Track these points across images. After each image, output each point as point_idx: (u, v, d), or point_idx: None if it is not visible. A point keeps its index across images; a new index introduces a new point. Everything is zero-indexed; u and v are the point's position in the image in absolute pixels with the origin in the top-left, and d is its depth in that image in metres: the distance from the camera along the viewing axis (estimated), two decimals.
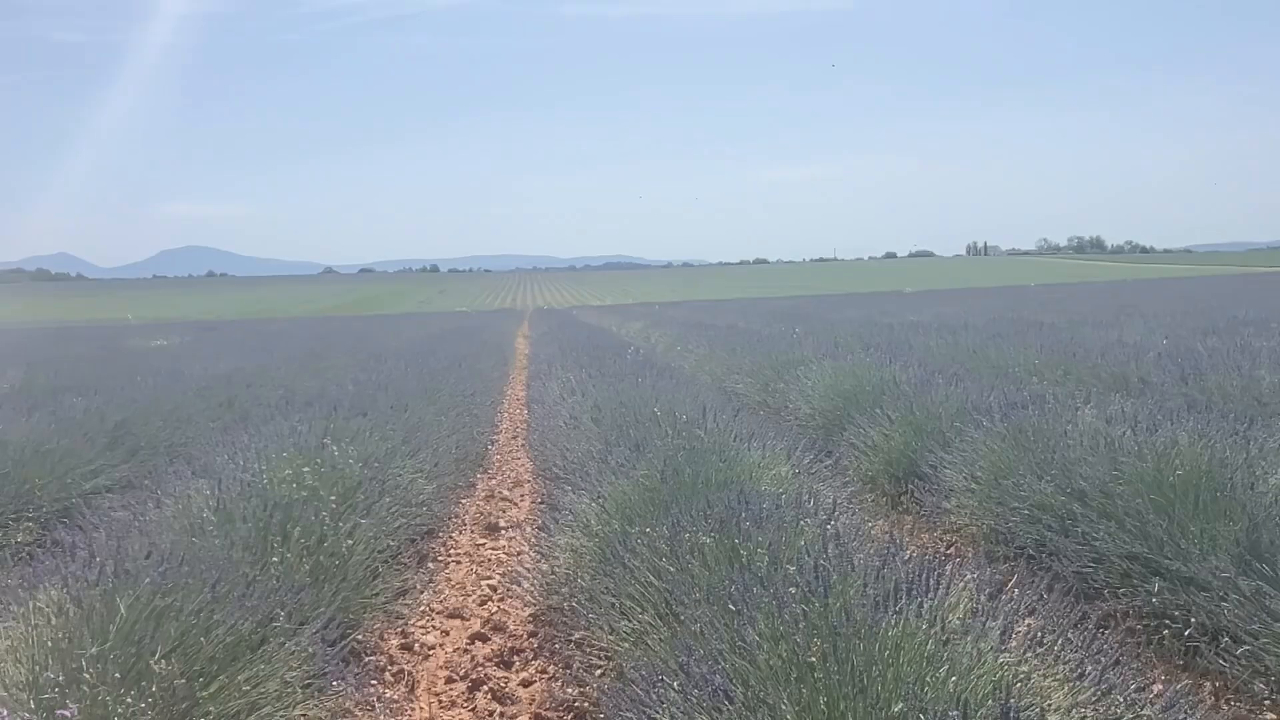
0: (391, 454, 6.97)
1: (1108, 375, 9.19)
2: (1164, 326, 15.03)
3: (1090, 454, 5.32)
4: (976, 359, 11.90)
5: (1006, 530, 5.48)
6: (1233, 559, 4.00)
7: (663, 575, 4.04)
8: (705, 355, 16.49)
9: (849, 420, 8.35)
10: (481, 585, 6.08)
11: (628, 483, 5.48)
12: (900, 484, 7.16)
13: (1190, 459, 4.85)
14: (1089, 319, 18.75)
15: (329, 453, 6.19)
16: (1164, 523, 4.43)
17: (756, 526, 4.15)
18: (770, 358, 13.04)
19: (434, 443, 8.15)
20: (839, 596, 3.12)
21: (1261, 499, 4.37)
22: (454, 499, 8.03)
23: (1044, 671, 2.86)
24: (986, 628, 2.95)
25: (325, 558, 4.75)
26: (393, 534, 5.76)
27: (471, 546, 6.99)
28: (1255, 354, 9.24)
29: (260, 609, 3.82)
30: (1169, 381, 8.34)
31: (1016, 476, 5.62)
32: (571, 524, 5.34)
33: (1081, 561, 4.72)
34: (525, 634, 5.19)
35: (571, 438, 7.81)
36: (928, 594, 3.04)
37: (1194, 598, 4.06)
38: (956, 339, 14.31)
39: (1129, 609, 4.45)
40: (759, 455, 6.17)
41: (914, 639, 2.83)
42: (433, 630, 5.35)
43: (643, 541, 4.39)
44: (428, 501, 6.90)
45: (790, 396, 10.39)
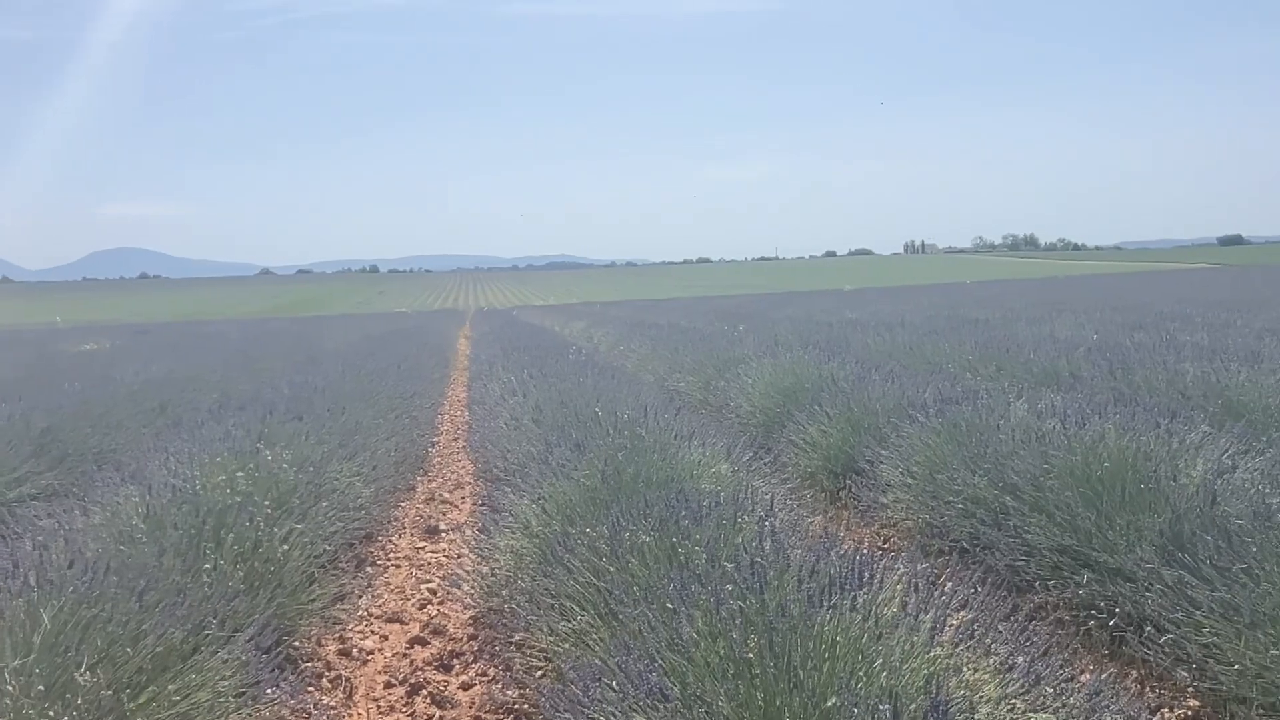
0: (328, 457, 6.87)
1: (1039, 370, 9.38)
2: (1094, 322, 15.39)
3: (1021, 448, 5.42)
4: (913, 355, 12.08)
5: (941, 524, 5.57)
6: (1157, 550, 4.11)
7: (603, 575, 4.04)
8: (648, 354, 16.51)
9: (789, 417, 8.42)
10: (421, 589, 6.03)
11: (568, 483, 5.47)
12: (839, 480, 7.24)
13: (1117, 452, 4.97)
14: (1022, 315, 19.13)
15: (263, 457, 6.09)
16: (1092, 515, 4.53)
17: (695, 525, 4.17)
18: (712, 356, 13.10)
19: (372, 445, 8.06)
20: (775, 593, 3.14)
21: (1184, 491, 4.49)
22: (393, 502, 7.95)
23: (975, 663, 2.91)
24: (919, 621, 2.99)
25: (260, 564, 4.67)
26: (330, 539, 5.68)
27: (411, 550, 6.93)
28: (1180, 348, 9.50)
29: (191, 617, 3.75)
30: (1098, 376, 8.54)
31: (951, 471, 5.71)
32: (512, 525, 5.32)
33: (1014, 554, 4.81)
34: (465, 637, 5.16)
35: (512, 439, 7.78)
36: (861, 589, 3.08)
37: (1120, 588, 4.16)
38: (893, 336, 14.51)
39: (1059, 600, 4.54)
40: (699, 454, 6.20)
41: (848, 634, 2.87)
42: (371, 635, 5.29)
43: (583, 542, 4.39)
44: (366, 505, 6.82)
45: (731, 395, 10.45)
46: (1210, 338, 11.21)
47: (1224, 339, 10.95)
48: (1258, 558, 3.66)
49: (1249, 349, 9.25)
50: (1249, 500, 4.16)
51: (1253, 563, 3.65)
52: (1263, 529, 3.80)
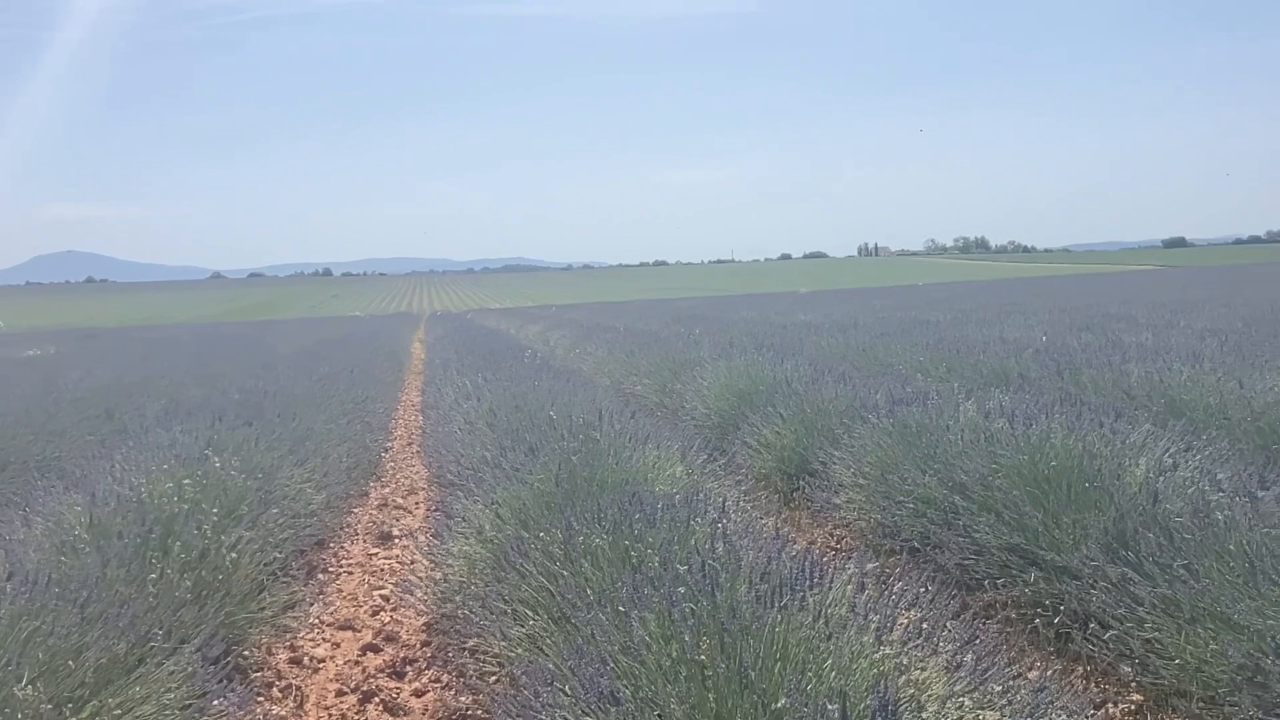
0: (279, 464, 6.79)
1: (989, 371, 9.51)
2: (1042, 323, 15.64)
3: (970, 448, 5.49)
4: (865, 357, 12.19)
5: (893, 524, 5.62)
6: (1102, 548, 4.18)
7: (556, 579, 4.03)
8: (604, 357, 16.50)
9: (743, 419, 8.46)
10: (374, 595, 5.98)
11: (522, 487, 5.45)
12: (793, 481, 7.29)
13: (1063, 452, 5.05)
14: (973, 317, 19.38)
15: (212, 464, 5.99)
16: (1039, 514, 4.60)
17: (649, 527, 4.17)
18: (668, 359, 13.12)
19: (324, 451, 7.97)
20: (727, 595, 3.16)
21: (1127, 489, 4.57)
22: (345, 508, 7.87)
23: (923, 662, 2.95)
24: (869, 621, 3.02)
25: (208, 572, 4.60)
26: (280, 546, 5.61)
27: (364, 556, 6.86)
28: (1125, 349, 9.68)
29: (136, 628, 3.68)
30: (1046, 376, 8.68)
31: (902, 471, 5.77)
32: (465, 530, 5.29)
33: (963, 553, 4.87)
34: (419, 643, 5.12)
35: (466, 443, 7.73)
36: (811, 589, 3.10)
37: (1067, 586, 4.23)
38: (847, 338, 14.63)
39: (1008, 599, 4.61)
40: (654, 456, 6.20)
41: (799, 634, 2.89)
42: (323, 643, 5.24)
43: (536, 546, 4.38)
44: (318, 511, 6.75)
45: (687, 397, 10.48)
46: (1154, 338, 11.44)
47: (1168, 339, 11.18)
48: (1197, 554, 3.74)
49: (1191, 349, 9.44)
50: (1189, 498, 4.25)
51: (1192, 559, 3.73)
52: (1201, 526, 3.88)
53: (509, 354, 15.60)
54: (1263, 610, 3.28)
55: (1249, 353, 8.88)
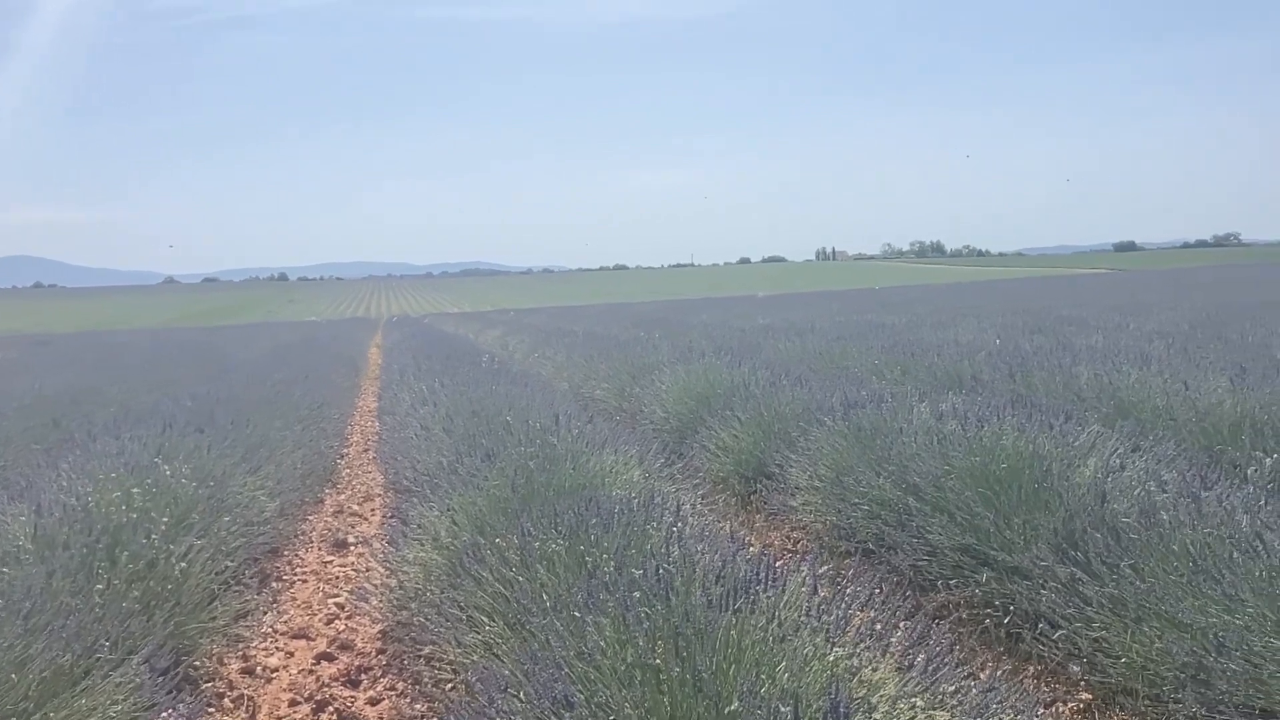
0: (232, 471, 6.70)
1: (943, 374, 9.61)
2: (996, 326, 15.84)
3: (924, 450, 5.55)
4: (822, 360, 12.28)
5: (848, 526, 5.67)
6: (1051, 548, 4.24)
7: (512, 585, 4.02)
8: (563, 362, 16.48)
9: (701, 423, 8.49)
10: (328, 603, 5.91)
11: (478, 493, 5.43)
12: (750, 484, 7.32)
13: (1014, 453, 5.12)
14: (928, 320, 19.60)
15: (162, 472, 5.90)
16: (991, 515, 4.66)
17: (605, 532, 4.17)
18: (627, 363, 13.13)
19: (279, 458, 7.88)
20: (682, 599, 3.16)
21: (1076, 490, 4.64)
22: (300, 515, 7.78)
23: (876, 663, 2.97)
24: (822, 623, 3.04)
25: (156, 582, 4.53)
26: (232, 554, 5.53)
27: (319, 564, 6.79)
28: (1075, 351, 9.84)
29: (82, 640, 3.61)
30: (999, 378, 8.80)
31: (857, 473, 5.82)
32: (421, 537, 5.26)
33: (917, 554, 4.92)
34: (374, 651, 5.08)
35: (423, 449, 7.68)
36: (765, 592, 3.12)
37: (1018, 586, 4.28)
38: (804, 341, 14.73)
39: (960, 599, 4.66)
40: (611, 461, 6.20)
41: (752, 637, 2.90)
42: (276, 652, 5.17)
43: (492, 552, 4.36)
44: (271, 519, 6.67)
45: (646, 401, 10.49)
46: (1104, 340, 11.64)
47: (1117, 341, 11.37)
48: (1143, 554, 3.81)
49: (1140, 351, 9.62)
50: (1135, 499, 4.32)
51: (1139, 559, 3.80)
52: (1147, 526, 3.95)
53: (467, 359, 15.52)
54: (1205, 609, 3.35)
55: (1195, 355, 9.07)
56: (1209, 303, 21.23)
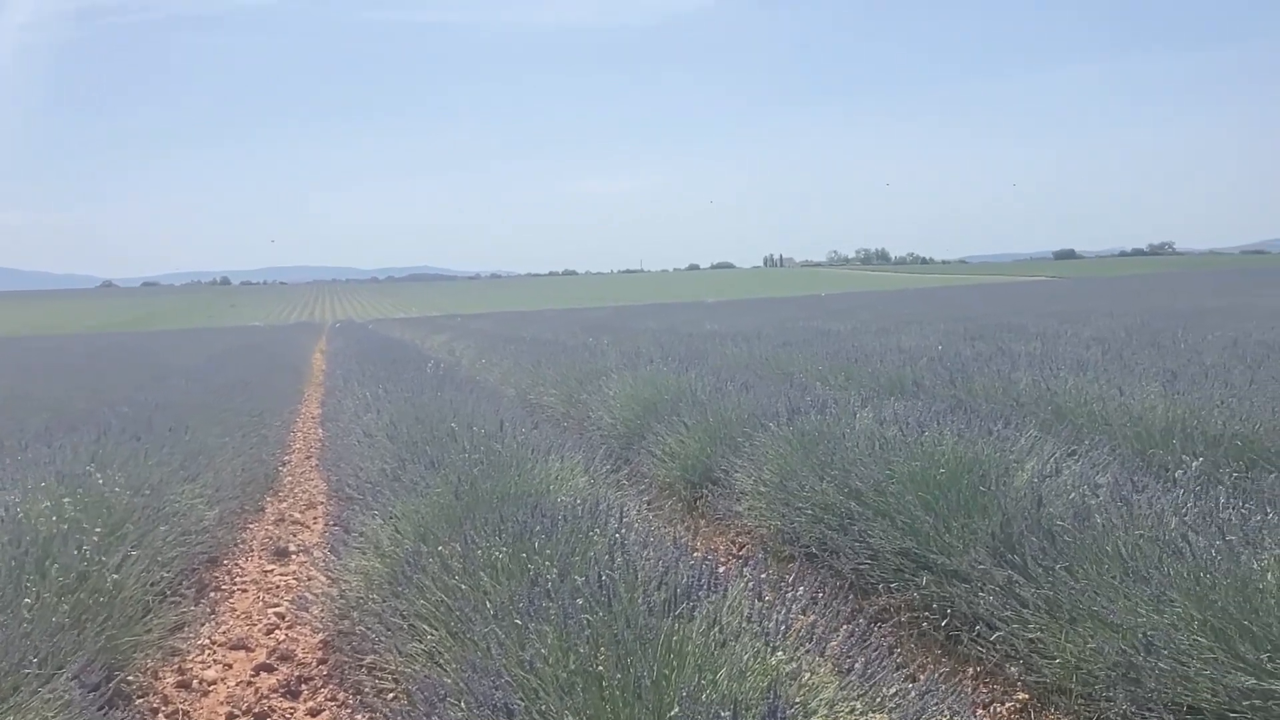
0: (169, 479, 6.57)
1: (886, 379, 9.73)
2: (938, 333, 16.08)
3: (866, 455, 5.61)
4: (768, 366, 12.37)
5: (792, 530, 5.71)
6: (989, 551, 4.31)
7: (454, 593, 3.99)
8: (510, 368, 16.40)
9: (648, 429, 8.50)
10: (269, 613, 5.82)
11: (422, 501, 5.39)
12: (696, 489, 7.35)
13: (953, 458, 5.20)
14: (872, 326, 19.83)
15: (94, 481, 5.76)
16: (930, 519, 4.72)
17: (549, 539, 4.16)
18: (575, 369, 13.12)
19: (218, 465, 7.75)
20: (624, 605, 3.16)
21: (1014, 494, 4.72)
22: (240, 524, 7.65)
23: (816, 666, 3.00)
24: (763, 628, 3.06)
25: (88, 594, 4.42)
26: (169, 565, 5.42)
27: (259, 573, 6.68)
28: (1015, 358, 10.02)
29: (9, 655, 3.51)
30: (940, 384, 8.92)
31: (800, 478, 5.86)
32: (363, 545, 5.20)
33: (859, 559, 4.98)
34: (315, 661, 5.01)
35: (366, 456, 7.60)
36: (707, 598, 3.13)
37: (957, 589, 4.35)
38: (750, 348, 14.82)
39: (901, 602, 4.72)
40: (557, 467, 6.19)
41: (693, 642, 2.91)
42: (214, 664, 5.07)
43: (435, 560, 4.33)
44: (210, 528, 6.55)
45: (593, 407, 10.48)
46: (1043, 346, 11.86)
47: (1055, 348, 11.60)
48: (1077, 557, 3.89)
49: (1077, 357, 9.82)
50: (1070, 502, 4.41)
51: (1073, 562, 3.88)
52: (1081, 529, 4.04)
53: (412, 365, 15.39)
54: (1135, 609, 3.43)
55: (1129, 361, 9.28)
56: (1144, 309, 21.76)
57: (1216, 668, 3.04)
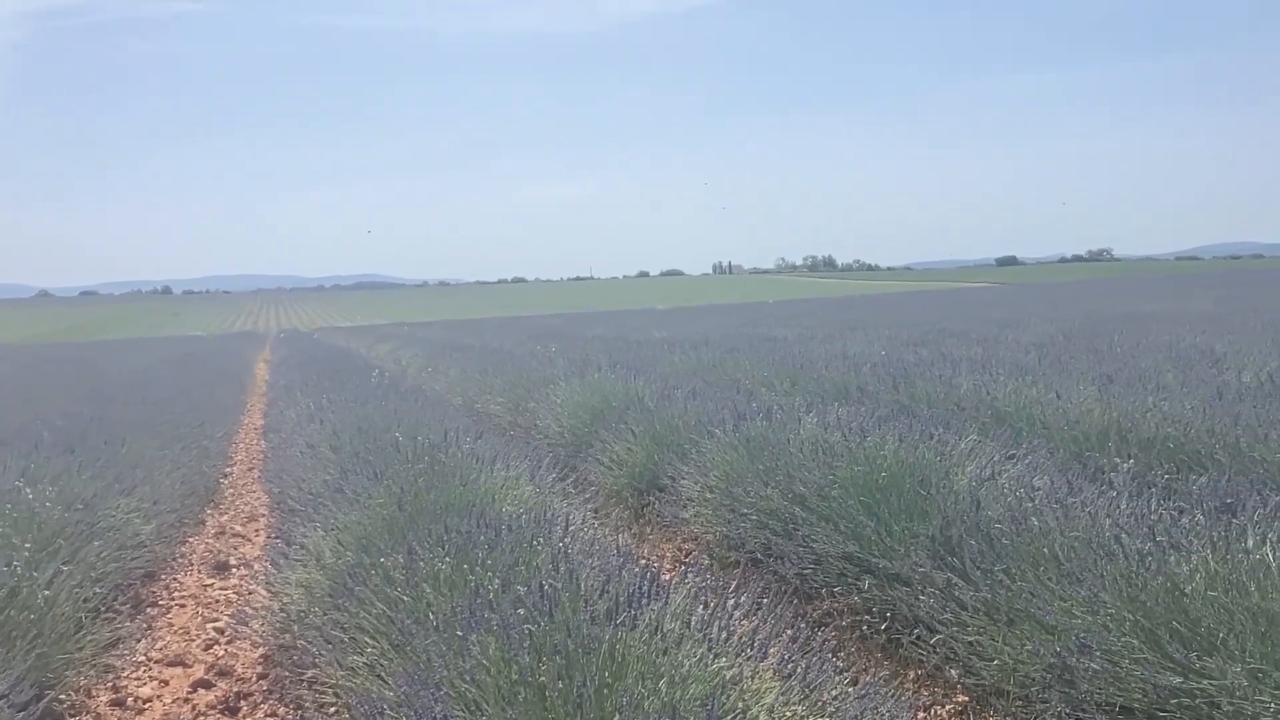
0: (104, 493, 6.42)
1: (831, 385, 9.82)
2: (882, 339, 16.27)
3: (810, 460, 5.66)
4: (716, 373, 12.43)
5: (738, 536, 5.74)
6: (929, 554, 4.37)
7: (397, 605, 3.95)
8: (457, 376, 16.29)
9: (596, 436, 8.49)
10: (207, 628, 5.71)
11: (365, 512, 5.33)
12: (643, 496, 7.36)
13: (895, 462, 5.26)
14: (818, 333, 20.01)
15: (24, 496, 5.61)
16: (873, 523, 4.77)
17: (493, 549, 4.13)
18: (522, 377, 13.06)
19: (156, 478, 7.59)
20: (567, 615, 3.15)
21: (954, 497, 4.79)
22: (179, 538, 7.51)
23: (758, 671, 3.01)
24: (705, 634, 3.07)
25: (17, 611, 4.30)
26: (103, 580, 5.30)
27: (198, 588, 6.56)
28: (956, 363, 10.17)
29: None
30: (883, 389, 9.03)
31: (746, 484, 5.89)
32: (305, 558, 5.13)
33: (803, 563, 5.01)
34: (254, 677, 4.92)
35: (309, 467, 7.50)
36: (650, 605, 3.13)
37: (898, 592, 4.39)
38: (698, 354, 14.88)
39: (844, 606, 4.76)
40: (502, 476, 6.16)
41: (635, 651, 2.91)
42: (150, 681, 4.97)
43: (377, 572, 4.28)
44: (147, 542, 6.42)
45: (541, 415, 10.45)
46: (984, 352, 12.05)
47: (996, 353, 11.80)
48: (1014, 559, 3.95)
49: (1016, 362, 10.00)
50: (1008, 505, 4.48)
51: (1011, 564, 3.94)
52: (1018, 531, 4.10)
53: (356, 374, 15.21)
54: (1070, 611, 3.49)
55: (1067, 365, 9.47)
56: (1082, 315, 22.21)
57: (1147, 667, 3.10)
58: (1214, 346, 10.91)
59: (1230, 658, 2.97)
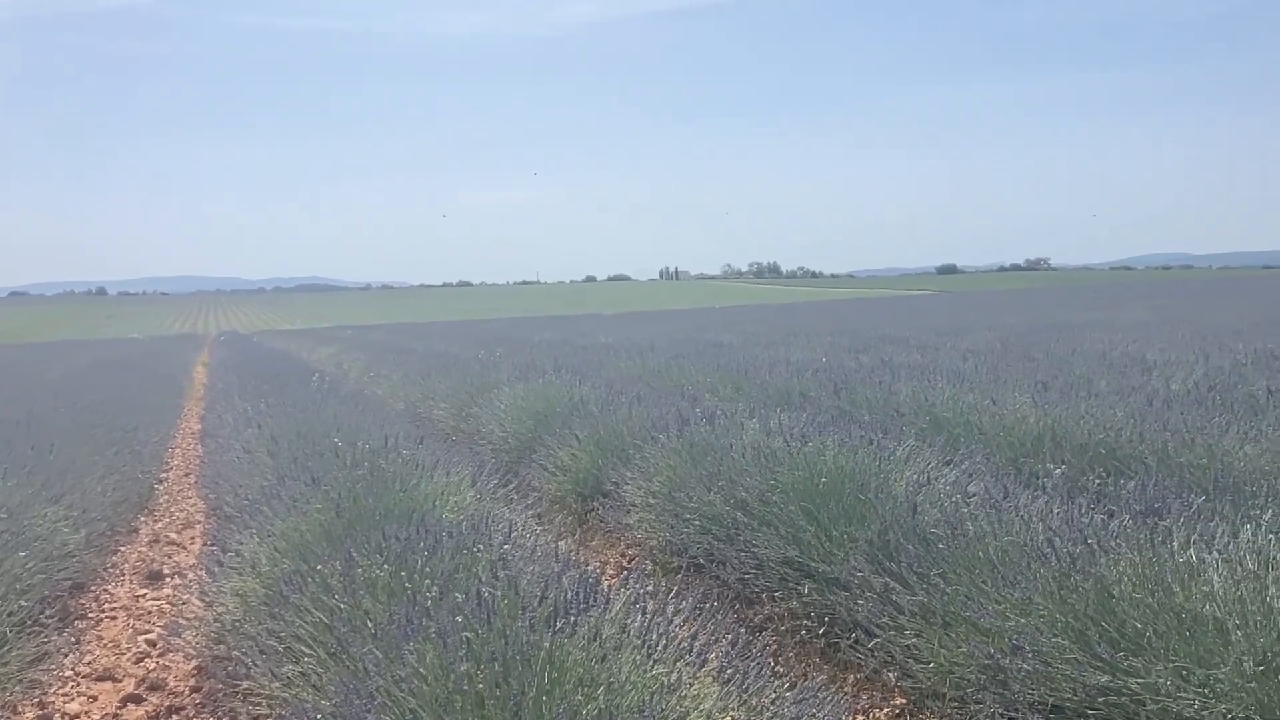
0: (30, 501, 6.24)
1: (774, 390, 9.90)
2: (825, 345, 16.44)
3: (752, 465, 5.69)
4: (661, 378, 12.46)
5: (680, 542, 5.75)
6: (868, 559, 4.41)
7: (334, 614, 3.90)
8: (400, 381, 16.13)
9: (540, 442, 8.46)
10: (139, 641, 5.57)
11: (302, 519, 5.25)
12: (587, 502, 7.34)
13: (834, 468, 5.31)
14: (762, 339, 20.16)
15: None
16: (813, 528, 4.81)
17: (432, 556, 4.10)
18: (466, 382, 12.98)
19: (86, 485, 7.40)
20: (505, 621, 3.13)
21: (892, 502, 4.85)
22: (110, 547, 7.32)
23: (696, 677, 3.02)
24: (644, 640, 3.07)
25: None
26: (28, 593, 5.15)
27: (130, 599, 6.40)
28: (896, 369, 10.31)
29: None
30: (825, 395, 9.12)
31: (689, 489, 5.91)
32: (240, 566, 5.04)
33: (744, 568, 5.04)
34: (187, 690, 4.82)
35: (246, 472, 7.37)
36: (589, 612, 3.12)
37: (837, 597, 4.43)
38: (644, 360, 14.90)
39: (785, 610, 4.79)
40: (443, 482, 6.10)
41: (573, 658, 2.90)
42: (78, 697, 4.83)
43: (314, 580, 4.22)
44: (76, 552, 6.25)
45: (484, 420, 10.39)
46: (923, 358, 12.24)
47: (935, 360, 11.98)
48: (950, 563, 4.01)
49: (955, 369, 10.16)
50: (944, 509, 4.54)
51: (947, 568, 3.99)
52: (953, 536, 4.16)
53: (297, 378, 15.00)
54: (1004, 614, 3.55)
55: (1003, 372, 9.64)
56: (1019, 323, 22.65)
57: (1076, 668, 3.17)
58: (1145, 354, 11.20)
59: (1156, 657, 3.04)
